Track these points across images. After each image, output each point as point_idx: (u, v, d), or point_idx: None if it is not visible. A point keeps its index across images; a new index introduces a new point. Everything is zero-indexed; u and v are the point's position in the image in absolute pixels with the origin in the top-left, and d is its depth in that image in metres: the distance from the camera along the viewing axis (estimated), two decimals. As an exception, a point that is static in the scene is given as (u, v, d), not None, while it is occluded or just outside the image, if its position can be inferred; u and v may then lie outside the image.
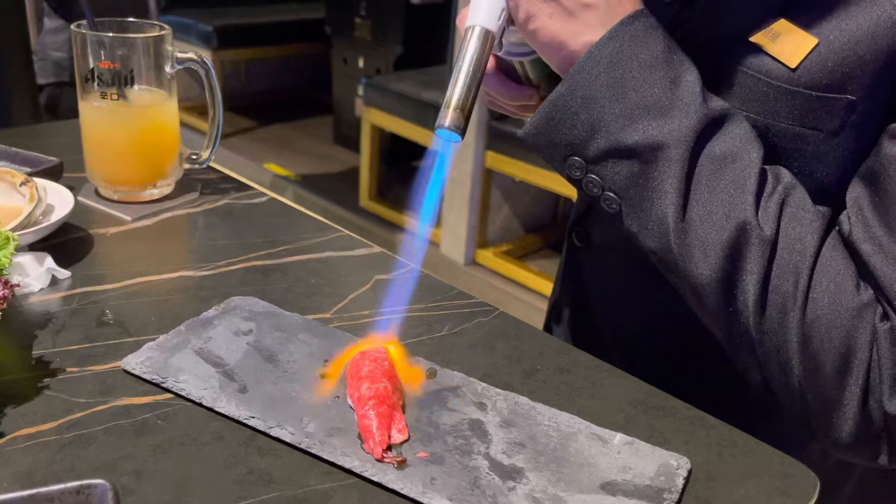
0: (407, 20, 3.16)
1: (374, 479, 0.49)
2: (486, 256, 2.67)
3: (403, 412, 0.54)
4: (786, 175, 0.56)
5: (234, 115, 3.90)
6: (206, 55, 3.59)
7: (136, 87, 0.81)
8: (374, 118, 2.92)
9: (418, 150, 2.84)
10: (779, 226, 0.53)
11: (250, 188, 0.92)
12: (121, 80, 0.80)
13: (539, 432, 0.54)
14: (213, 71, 0.84)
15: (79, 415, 0.53)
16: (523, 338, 0.67)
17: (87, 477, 0.48)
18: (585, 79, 0.54)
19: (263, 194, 0.91)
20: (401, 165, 3.22)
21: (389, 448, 0.51)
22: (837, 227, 0.57)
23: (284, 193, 3.19)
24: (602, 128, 0.54)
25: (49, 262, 0.69)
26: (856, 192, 0.56)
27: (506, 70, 0.66)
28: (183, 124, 0.87)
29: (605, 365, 0.63)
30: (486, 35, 0.55)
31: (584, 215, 0.76)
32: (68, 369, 0.58)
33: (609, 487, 0.50)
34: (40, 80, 2.13)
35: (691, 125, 0.53)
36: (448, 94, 0.55)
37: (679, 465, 0.52)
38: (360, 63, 3.36)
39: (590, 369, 0.63)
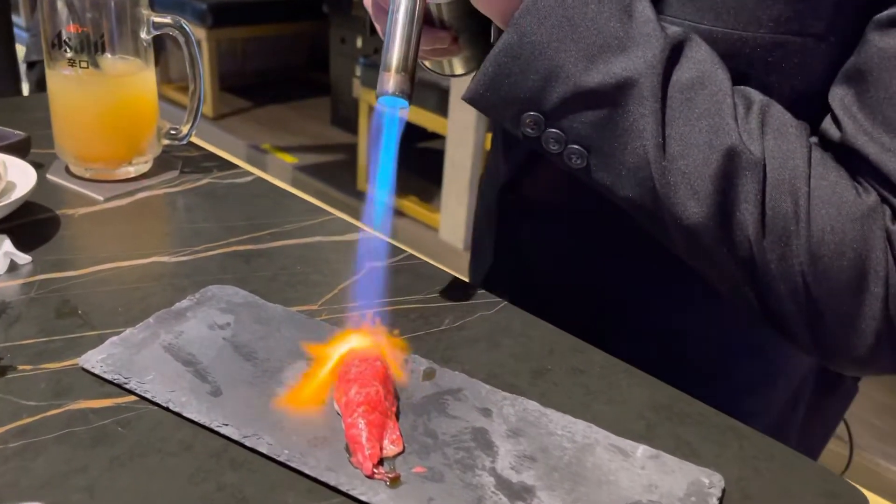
0: (406, -2, 3.07)
1: (363, 498, 0.43)
2: (487, 242, 2.60)
3: (397, 420, 0.48)
4: (755, 93, 0.51)
5: (229, 96, 3.81)
6: (201, 34, 3.52)
7: (108, 54, 0.74)
8: (373, 99, 2.84)
9: (418, 132, 2.77)
10: (765, 145, 0.49)
11: (234, 167, 0.85)
12: (91, 47, 0.73)
13: (552, 443, 0.48)
14: (192, 37, 0.77)
15: (28, 420, 0.47)
16: (531, 333, 0.60)
17: (32, 494, 0.42)
18: (533, 22, 0.49)
19: (249, 173, 0.84)
20: (400, 148, 3.15)
21: (381, 462, 0.45)
22: (820, 136, 0.53)
23: (280, 176, 3.12)
24: (559, 74, 0.49)
25: (7, 245, 0.62)
26: (840, 94, 0.51)
27: None
28: (176, 105, 0.80)
29: (623, 365, 0.57)
30: None
31: (518, 176, 0.70)
32: (20, 367, 0.51)
33: (633, 510, 0.43)
34: (32, 57, 2.05)
35: (656, 55, 0.48)
36: (386, 55, 0.49)
37: (711, 482, 0.46)
38: (359, 43, 3.28)
39: (605, 369, 0.57)
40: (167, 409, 0.48)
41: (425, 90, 2.64)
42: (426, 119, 2.65)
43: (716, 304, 0.64)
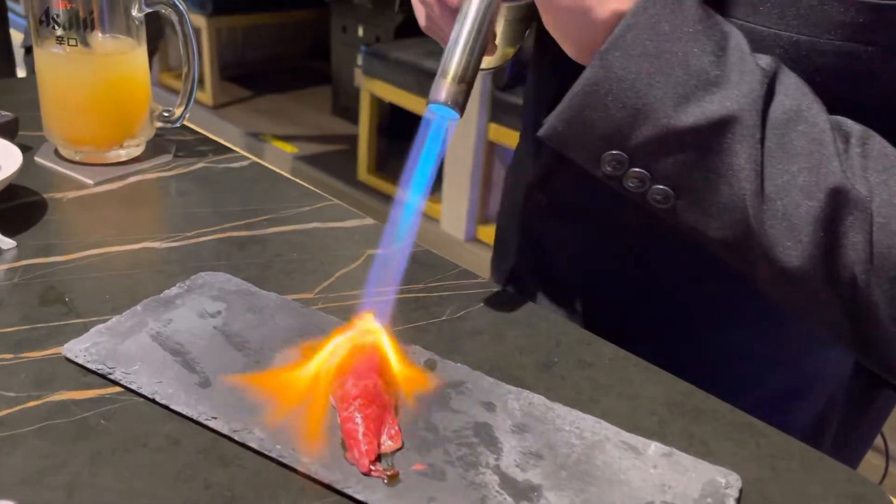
0: (409, -14, 3.03)
1: (359, 497, 0.40)
2: (488, 233, 2.57)
3: (396, 414, 0.45)
4: (850, 123, 0.48)
5: (229, 85, 3.77)
6: (201, 22, 3.47)
7: (98, 32, 0.71)
8: (374, 88, 2.81)
9: (420, 122, 2.73)
10: (869, 181, 0.45)
11: (229, 151, 0.82)
12: (80, 24, 0.70)
13: (559, 440, 0.45)
14: (187, 16, 0.74)
15: (6, 412, 0.44)
16: (537, 324, 0.58)
17: (7, 492, 0.39)
18: (621, 57, 0.45)
19: (244, 158, 0.81)
20: (401, 138, 3.11)
21: (379, 459, 0.42)
22: None
23: (280, 165, 3.09)
24: (649, 113, 0.45)
25: (-9, 229, 0.60)
26: None
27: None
28: (175, 93, 0.77)
29: (634, 358, 0.54)
30: None
31: (547, 175, 0.67)
32: (0, 356, 0.49)
33: (646, 511, 0.41)
34: (31, 43, 2.03)
35: (754, 90, 0.45)
36: (445, 60, 0.46)
37: (728, 482, 0.43)
38: (360, 31, 3.24)
39: (615, 362, 0.54)
40: (153, 401, 0.46)
41: (427, 80, 2.60)
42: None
43: (745, 315, 0.61)
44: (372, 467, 0.41)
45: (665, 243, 0.58)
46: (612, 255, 0.65)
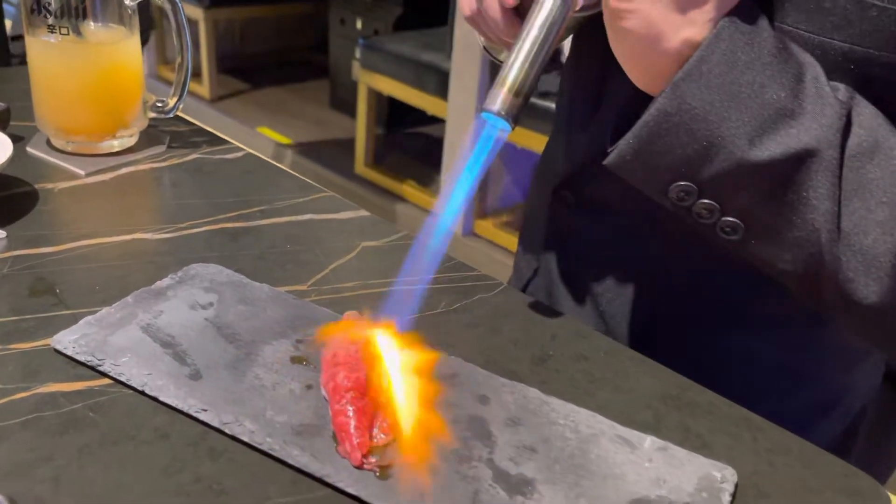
0: (407, -21, 3.02)
1: (350, 491, 0.40)
2: (486, 227, 2.56)
3: (389, 407, 0.45)
4: None
5: (227, 78, 3.76)
6: (198, 14, 3.46)
7: (90, 21, 0.71)
8: (372, 81, 2.80)
9: (418, 116, 2.73)
10: None
11: (224, 142, 0.82)
12: (71, 12, 0.69)
13: (553, 433, 0.45)
14: (180, 6, 0.73)
15: (-7, 404, 0.44)
16: (532, 317, 0.57)
17: (-7, 484, 0.38)
18: (696, 88, 0.44)
19: (238, 149, 0.80)
20: (399, 131, 3.10)
21: (371, 452, 0.42)
22: None
23: (278, 159, 3.08)
24: (722, 147, 0.44)
25: (-20, 219, 0.59)
26: None
27: None
28: (171, 84, 0.76)
29: (629, 351, 0.54)
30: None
31: (575, 175, 0.66)
32: (-12, 347, 0.48)
33: (640, 506, 0.40)
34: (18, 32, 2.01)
35: (832, 122, 0.44)
36: (506, 70, 0.44)
37: (723, 476, 0.43)
38: (359, 24, 3.23)
39: (611, 356, 0.53)
40: (143, 393, 0.45)
41: (426, 73, 2.60)
42: (426, 102, 2.61)
43: (775, 326, 0.60)
44: (364, 461, 0.41)
45: (697, 245, 0.56)
46: (642, 255, 0.64)
